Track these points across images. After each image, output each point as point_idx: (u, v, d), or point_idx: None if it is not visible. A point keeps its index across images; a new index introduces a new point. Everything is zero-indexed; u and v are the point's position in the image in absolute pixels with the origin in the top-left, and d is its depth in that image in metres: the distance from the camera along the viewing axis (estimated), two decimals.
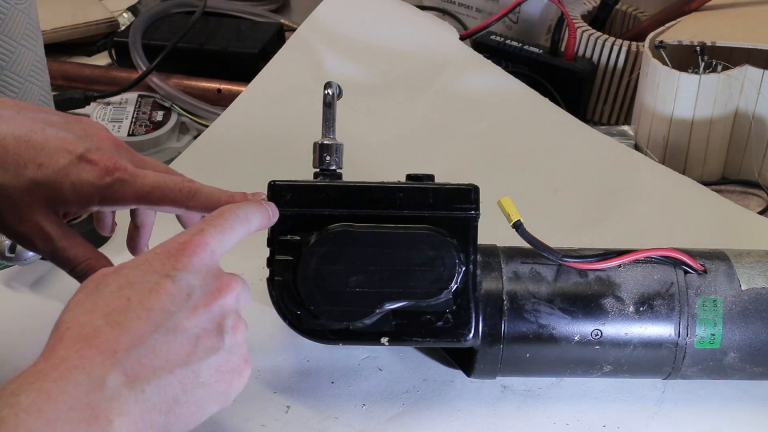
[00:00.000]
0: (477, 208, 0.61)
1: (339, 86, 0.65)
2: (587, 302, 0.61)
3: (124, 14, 1.11)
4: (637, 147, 0.92)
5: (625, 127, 0.94)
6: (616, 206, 0.84)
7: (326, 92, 0.65)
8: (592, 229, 0.81)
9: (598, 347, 0.62)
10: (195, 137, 0.94)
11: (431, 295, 0.60)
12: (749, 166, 0.91)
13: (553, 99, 0.94)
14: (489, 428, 0.64)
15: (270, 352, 0.68)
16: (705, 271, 0.63)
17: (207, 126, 0.92)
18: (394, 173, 0.66)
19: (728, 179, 0.93)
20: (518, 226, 0.61)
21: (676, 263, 0.63)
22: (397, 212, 0.61)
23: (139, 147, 0.93)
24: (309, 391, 0.65)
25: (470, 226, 0.61)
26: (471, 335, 0.61)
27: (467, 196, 0.61)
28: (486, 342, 0.61)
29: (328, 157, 0.63)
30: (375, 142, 0.88)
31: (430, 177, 0.63)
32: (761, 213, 0.86)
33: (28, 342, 0.67)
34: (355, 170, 0.66)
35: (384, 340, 0.61)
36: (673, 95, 0.87)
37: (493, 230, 0.63)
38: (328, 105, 0.65)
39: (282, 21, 1.10)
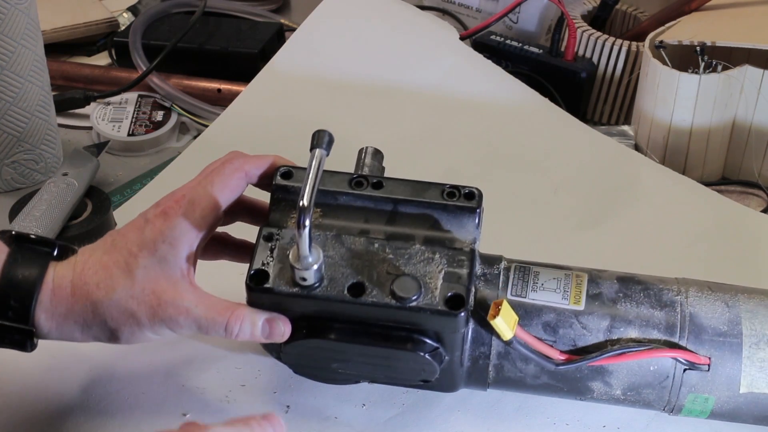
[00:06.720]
0: (467, 311, 0.55)
1: (330, 136, 0.57)
2: (574, 383, 0.59)
3: (124, 14, 1.11)
4: (637, 147, 0.92)
5: (625, 127, 0.94)
6: (616, 206, 0.84)
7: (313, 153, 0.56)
8: (592, 229, 0.81)
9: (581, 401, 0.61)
10: (195, 137, 0.94)
11: (414, 381, 0.60)
12: (749, 166, 0.91)
13: (553, 99, 0.94)
14: (489, 428, 0.64)
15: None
16: (709, 364, 0.58)
17: (207, 126, 0.92)
18: (393, 173, 0.66)
19: (728, 180, 0.93)
20: (511, 342, 0.57)
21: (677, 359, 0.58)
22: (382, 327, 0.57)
23: (139, 147, 0.93)
24: (309, 391, 0.65)
25: (459, 328, 0.56)
26: (456, 389, 0.61)
27: (459, 305, 0.55)
28: (471, 386, 0.61)
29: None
30: (375, 142, 0.88)
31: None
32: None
33: None
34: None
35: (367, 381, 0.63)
36: (673, 95, 0.87)
37: (494, 233, 0.63)
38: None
39: (282, 21, 1.10)
